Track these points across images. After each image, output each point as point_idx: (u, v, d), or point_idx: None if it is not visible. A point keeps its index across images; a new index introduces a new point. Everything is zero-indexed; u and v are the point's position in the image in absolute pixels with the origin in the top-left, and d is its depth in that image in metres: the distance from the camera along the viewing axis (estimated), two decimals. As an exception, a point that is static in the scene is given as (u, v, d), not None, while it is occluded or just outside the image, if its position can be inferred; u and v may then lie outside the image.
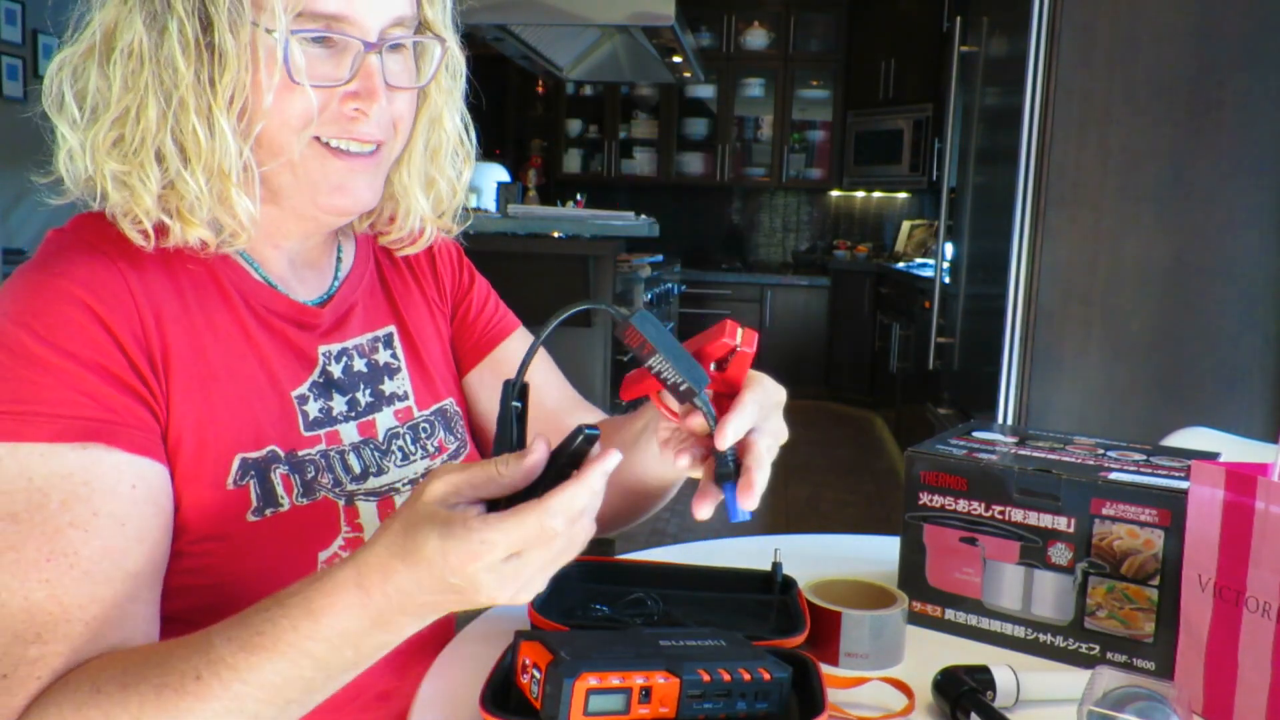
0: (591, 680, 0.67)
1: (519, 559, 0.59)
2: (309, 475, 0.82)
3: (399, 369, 0.94)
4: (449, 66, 0.88)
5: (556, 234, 3.75)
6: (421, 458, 0.92)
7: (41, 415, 0.68)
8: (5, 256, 4.12)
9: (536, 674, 0.69)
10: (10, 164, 4.71)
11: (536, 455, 0.61)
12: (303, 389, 0.84)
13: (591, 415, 1.01)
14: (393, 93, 0.81)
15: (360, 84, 0.78)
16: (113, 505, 0.69)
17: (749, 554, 1.03)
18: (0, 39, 4.52)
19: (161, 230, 0.77)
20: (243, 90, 0.75)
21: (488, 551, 0.58)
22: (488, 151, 6.46)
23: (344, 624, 0.61)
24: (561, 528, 0.58)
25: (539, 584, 0.61)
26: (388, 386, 0.92)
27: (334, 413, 0.86)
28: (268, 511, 0.78)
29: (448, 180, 0.92)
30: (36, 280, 0.73)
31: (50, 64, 0.76)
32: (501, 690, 0.73)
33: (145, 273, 0.77)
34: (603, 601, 0.91)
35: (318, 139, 0.78)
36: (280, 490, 0.80)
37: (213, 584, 0.76)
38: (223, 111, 0.74)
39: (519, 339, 1.05)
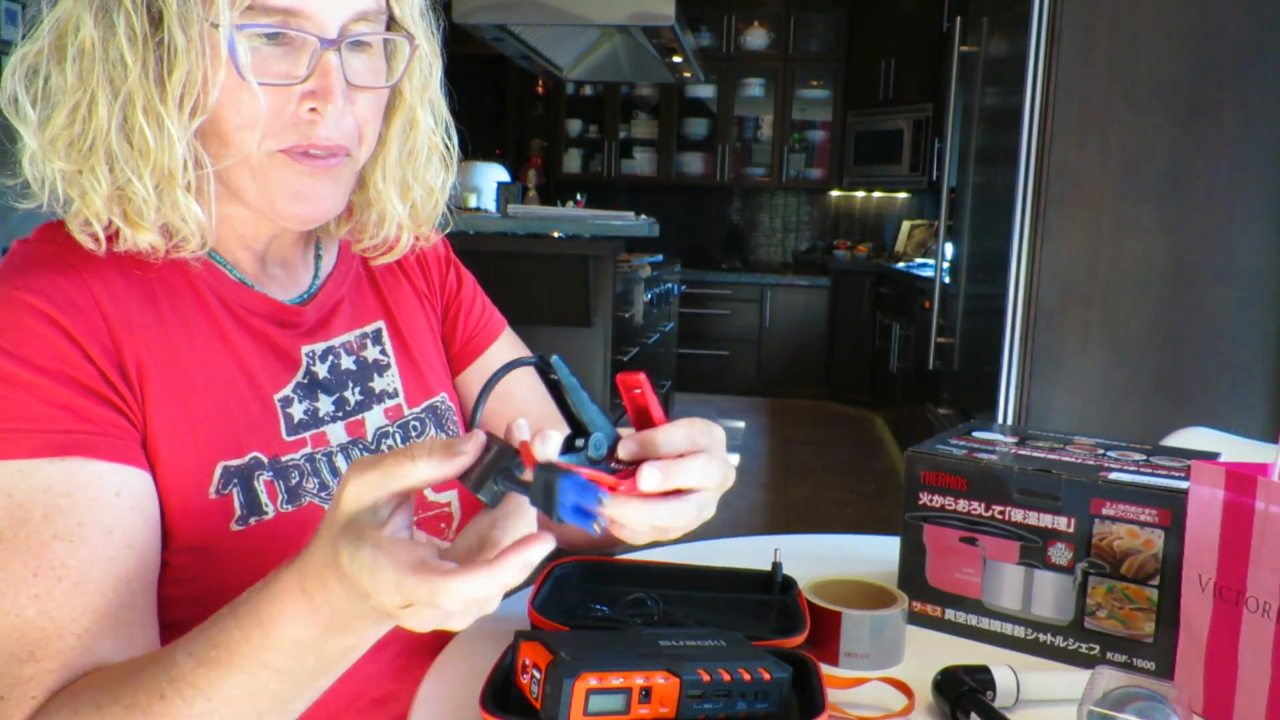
0: (591, 680, 0.67)
1: (410, 609, 0.54)
2: (293, 481, 0.80)
3: (388, 365, 0.92)
4: (421, 66, 0.84)
5: (556, 234, 3.75)
6: None
7: (16, 432, 0.67)
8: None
9: (536, 674, 0.69)
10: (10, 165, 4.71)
11: (462, 460, 0.55)
12: (286, 391, 0.83)
13: None
14: (356, 93, 0.76)
15: (317, 82, 0.73)
16: (97, 514, 0.68)
17: (749, 554, 1.03)
18: (0, 39, 4.52)
19: (113, 235, 0.74)
20: (194, 88, 0.71)
21: (381, 591, 0.53)
22: (488, 151, 6.47)
23: (296, 631, 0.58)
24: (456, 609, 0.53)
25: (440, 623, 0.56)
26: (377, 384, 0.90)
27: (320, 414, 0.84)
28: (251, 520, 0.77)
29: (425, 185, 0.88)
30: None
31: (6, 64, 0.74)
32: (501, 690, 0.73)
33: (112, 281, 0.75)
34: (603, 601, 0.91)
35: (279, 151, 0.75)
36: (264, 498, 0.78)
37: (199, 594, 0.75)
38: (172, 110, 0.71)
39: (505, 342, 1.04)
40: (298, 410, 0.83)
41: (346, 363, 0.88)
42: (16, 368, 0.68)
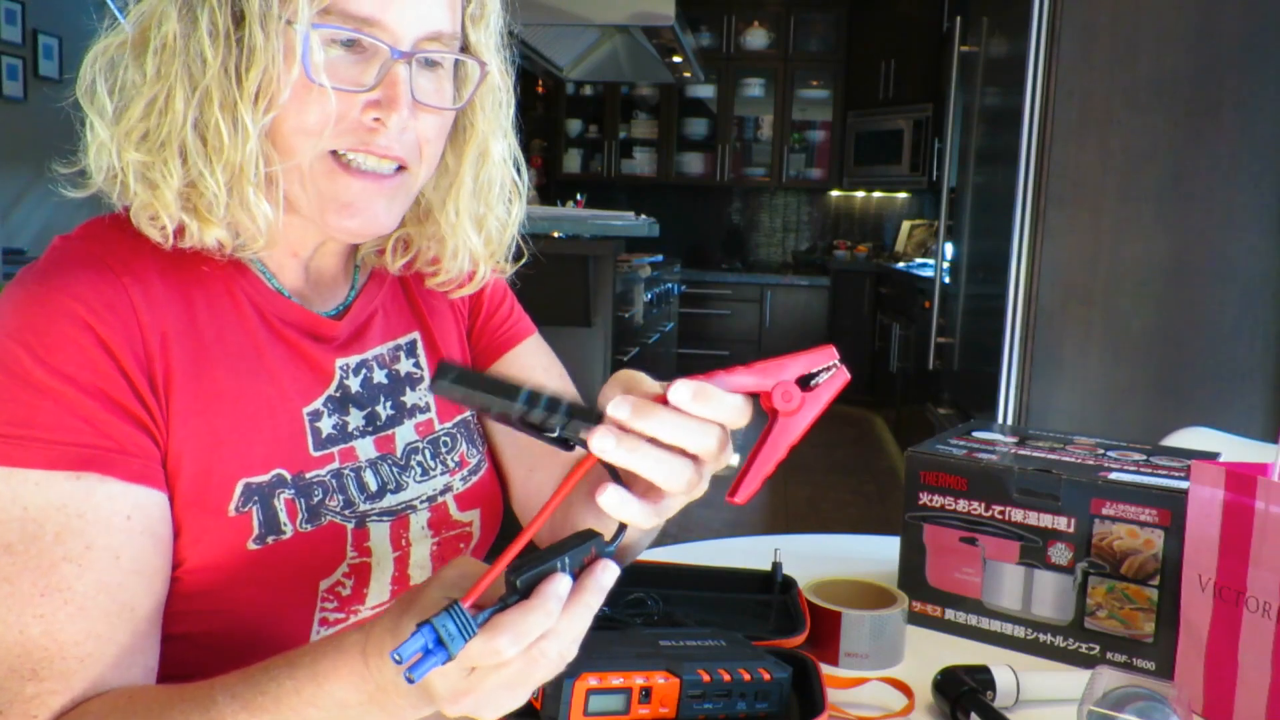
0: (591, 680, 0.67)
1: (473, 675, 0.55)
2: (315, 499, 0.79)
3: (421, 379, 0.91)
4: (493, 96, 0.85)
5: (556, 234, 3.75)
6: (441, 473, 0.89)
7: (38, 441, 0.67)
8: (5, 256, 4.10)
9: (536, 674, 0.69)
10: (10, 164, 4.71)
11: (557, 586, 0.56)
12: (316, 404, 0.82)
13: None
14: (420, 111, 0.77)
15: (383, 92, 0.74)
16: (107, 538, 0.68)
17: (749, 554, 1.03)
18: (0, 39, 4.52)
19: (181, 231, 0.74)
20: (269, 86, 0.72)
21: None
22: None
23: (344, 694, 0.59)
24: (511, 652, 0.53)
25: (504, 703, 0.56)
26: (409, 398, 0.89)
27: (349, 428, 0.83)
28: (269, 539, 0.76)
29: (498, 218, 0.89)
30: (37, 294, 0.71)
31: (87, 54, 0.74)
32: (501, 690, 0.73)
33: (151, 288, 0.74)
34: (603, 601, 0.90)
35: (333, 153, 0.75)
36: (283, 517, 0.77)
37: (211, 611, 0.75)
38: (247, 107, 0.72)
39: (530, 348, 1.01)
40: (326, 424, 0.82)
41: (379, 376, 0.87)
42: (46, 375, 0.68)
